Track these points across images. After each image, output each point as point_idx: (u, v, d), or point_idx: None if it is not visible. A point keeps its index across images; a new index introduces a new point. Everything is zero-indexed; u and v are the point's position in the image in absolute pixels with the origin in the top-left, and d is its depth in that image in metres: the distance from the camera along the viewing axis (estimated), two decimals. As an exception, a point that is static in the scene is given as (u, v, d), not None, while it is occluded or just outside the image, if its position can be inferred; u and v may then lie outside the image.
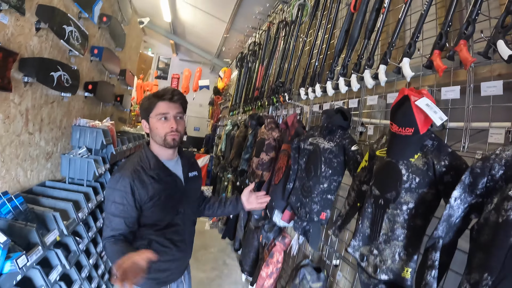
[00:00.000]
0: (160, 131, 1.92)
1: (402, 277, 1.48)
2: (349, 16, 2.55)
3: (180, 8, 9.41)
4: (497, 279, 1.04)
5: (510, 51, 1.35)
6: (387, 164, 1.60)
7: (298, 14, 3.88)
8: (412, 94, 1.46)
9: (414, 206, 1.49)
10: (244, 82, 6.67)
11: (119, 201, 1.83)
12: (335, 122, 2.29)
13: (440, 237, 1.29)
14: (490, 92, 1.50)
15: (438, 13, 1.97)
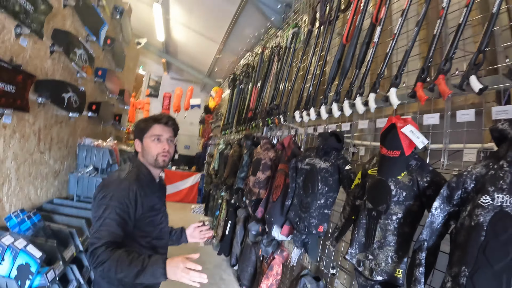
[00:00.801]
0: (152, 151, 2.03)
1: (395, 277, 1.71)
2: (341, 47, 2.83)
3: (173, 28, 9.64)
4: (472, 270, 1.27)
5: (481, 85, 1.62)
6: (378, 181, 1.85)
7: (293, 40, 4.15)
8: (398, 122, 1.72)
9: (402, 216, 1.73)
10: (237, 102, 6.85)
11: (121, 207, 1.81)
12: (330, 144, 2.53)
13: (424, 240, 1.53)
14: (464, 119, 1.77)
15: (421, 49, 2.25)
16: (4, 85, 2.28)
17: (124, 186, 1.87)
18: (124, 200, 1.83)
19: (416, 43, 2.18)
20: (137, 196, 1.89)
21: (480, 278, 1.25)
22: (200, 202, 10.04)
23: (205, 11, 7.99)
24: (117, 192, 1.83)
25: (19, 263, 2.17)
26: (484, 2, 1.99)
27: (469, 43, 1.97)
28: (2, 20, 2.35)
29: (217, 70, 10.57)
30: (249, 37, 6.85)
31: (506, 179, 1.30)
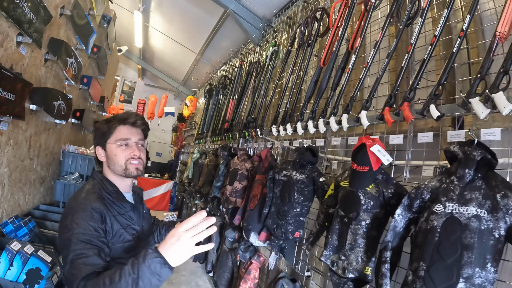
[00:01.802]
0: (119, 159, 1.71)
1: (365, 274, 1.98)
2: (319, 69, 3.12)
3: (152, 35, 9.77)
4: (428, 265, 1.55)
5: (438, 113, 1.93)
6: (350, 192, 2.12)
7: (272, 58, 4.43)
8: (368, 142, 2.03)
9: (370, 222, 2.01)
10: (213, 113, 7.04)
11: (90, 232, 1.50)
12: (306, 158, 2.82)
13: (389, 241, 1.81)
14: (424, 140, 2.09)
15: (391, 77, 2.57)
16: (6, 93, 2.35)
17: (84, 208, 1.54)
18: (89, 223, 1.51)
19: (387, 72, 2.49)
20: (104, 216, 1.58)
21: (435, 270, 1.53)
22: (172, 210, 10.10)
23: (186, 21, 8.19)
24: (79, 217, 1.51)
25: (29, 267, 2.27)
26: (448, 40, 2.31)
27: (433, 72, 2.29)
28: (6, 28, 2.46)
29: (193, 79, 10.73)
30: (227, 50, 7.09)
31: (456, 191, 1.60)
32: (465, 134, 1.85)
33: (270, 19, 5.64)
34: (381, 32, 2.48)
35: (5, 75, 2.37)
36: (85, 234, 1.47)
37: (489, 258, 1.44)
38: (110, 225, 1.60)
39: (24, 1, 2.50)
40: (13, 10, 2.40)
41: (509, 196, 1.47)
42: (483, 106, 1.74)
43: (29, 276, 2.27)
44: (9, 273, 2.23)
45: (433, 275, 1.52)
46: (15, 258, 2.25)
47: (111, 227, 1.60)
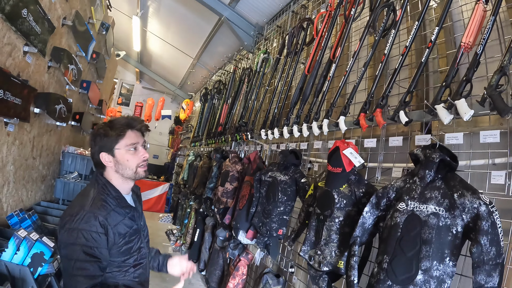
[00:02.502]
0: (131, 163, 1.77)
1: (338, 267, 2.15)
2: (303, 77, 3.29)
3: (149, 40, 9.94)
4: (391, 258, 1.71)
5: (407, 118, 2.10)
6: (325, 192, 2.30)
7: (262, 64, 4.60)
8: (341, 145, 2.21)
9: (343, 219, 2.18)
10: (208, 116, 7.21)
11: (91, 244, 1.58)
12: (289, 161, 3.01)
13: (358, 236, 1.97)
14: (395, 144, 2.26)
15: (368, 84, 2.73)
16: (14, 98, 2.54)
17: (88, 218, 1.60)
18: (92, 235, 1.58)
19: (365, 80, 2.66)
20: (107, 229, 1.64)
21: (397, 263, 1.69)
22: (168, 212, 10.23)
23: (182, 26, 8.38)
24: (82, 227, 1.58)
25: (34, 251, 2.45)
26: (421, 50, 2.46)
27: (406, 80, 2.45)
28: (14, 40, 2.64)
29: (189, 83, 10.88)
30: (222, 55, 7.27)
31: (417, 190, 1.77)
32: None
33: (263, 26, 5.84)
34: (359, 42, 2.65)
35: (13, 82, 2.56)
36: (88, 247, 1.56)
37: (447, 253, 1.59)
38: (113, 237, 1.66)
39: (30, 16, 2.69)
40: (21, 24, 2.61)
41: (465, 196, 1.61)
42: (447, 112, 1.90)
43: (34, 259, 2.45)
44: (15, 257, 2.40)
45: (394, 267, 1.68)
46: (22, 243, 2.43)
47: (113, 238, 1.66)
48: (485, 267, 1.50)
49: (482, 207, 1.55)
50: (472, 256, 1.53)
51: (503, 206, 1.73)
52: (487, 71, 1.95)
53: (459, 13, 2.37)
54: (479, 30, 1.90)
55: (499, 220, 1.52)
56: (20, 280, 2.35)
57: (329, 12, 3.21)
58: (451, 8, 2.31)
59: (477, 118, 1.97)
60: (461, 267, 1.81)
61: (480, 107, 1.78)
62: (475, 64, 1.85)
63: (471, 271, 1.54)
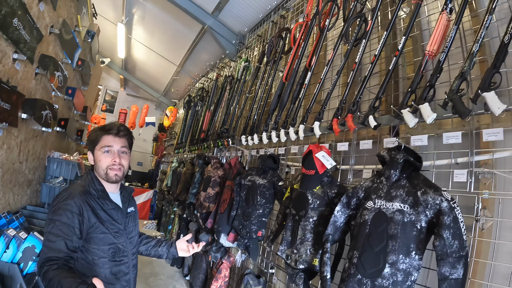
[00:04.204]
0: (102, 164, 1.92)
1: (313, 265, 2.26)
2: (281, 84, 3.41)
3: (134, 47, 9.95)
4: (360, 253, 1.82)
5: (375, 123, 2.22)
6: (300, 193, 2.42)
7: (243, 73, 4.72)
8: (314, 149, 2.34)
9: (317, 219, 2.29)
10: (191, 123, 7.30)
11: (64, 220, 1.72)
12: (268, 165, 3.14)
13: (329, 234, 2.09)
14: (365, 147, 2.39)
15: (341, 91, 2.85)
16: (3, 104, 2.61)
17: (67, 199, 1.78)
18: (66, 213, 1.73)
19: (339, 87, 2.79)
20: (82, 210, 1.78)
21: (365, 257, 1.80)
22: (152, 218, 10.21)
23: (166, 34, 8.45)
24: (60, 205, 1.76)
25: (26, 245, 2.52)
26: (390, 58, 2.59)
27: (376, 86, 2.56)
28: (5, 47, 2.71)
29: (173, 90, 10.92)
30: (205, 63, 7.36)
31: (384, 189, 1.89)
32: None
33: (244, 35, 5.99)
34: (333, 51, 2.79)
35: (3, 88, 2.63)
36: (61, 223, 1.71)
37: (413, 247, 1.70)
38: (88, 218, 1.80)
39: (21, 24, 2.76)
40: (12, 32, 2.68)
41: (428, 193, 1.73)
42: (412, 116, 2.03)
43: (25, 253, 2.53)
44: (5, 255, 2.48)
45: (364, 262, 1.80)
46: (11, 242, 2.51)
47: (88, 219, 1.80)
48: (449, 259, 1.60)
49: (444, 203, 1.66)
50: (436, 249, 1.64)
51: (465, 202, 1.86)
52: (449, 77, 2.08)
53: (427, 23, 2.52)
54: (443, 38, 2.03)
55: (460, 215, 1.63)
56: (9, 277, 2.41)
57: (305, 22, 3.35)
58: (420, 18, 2.46)
59: (441, 121, 2.10)
60: (429, 261, 1.93)
61: (443, 111, 1.92)
62: (438, 71, 1.98)
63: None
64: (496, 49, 1.73)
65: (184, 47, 7.97)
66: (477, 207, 1.79)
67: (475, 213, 1.80)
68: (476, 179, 1.84)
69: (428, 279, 1.98)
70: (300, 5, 4.16)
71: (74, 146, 6.43)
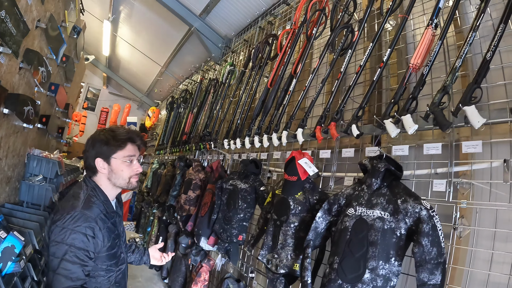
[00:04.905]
0: (125, 174, 1.84)
1: (294, 270, 2.28)
2: (266, 90, 3.44)
3: (119, 45, 9.90)
4: (341, 258, 1.85)
5: (358, 132, 2.26)
6: (282, 199, 2.44)
7: (228, 76, 4.73)
8: (297, 155, 2.36)
9: (298, 224, 2.32)
10: (173, 125, 7.26)
11: (78, 245, 1.62)
12: (250, 170, 3.15)
13: (310, 240, 2.11)
14: (347, 155, 2.43)
15: (326, 99, 2.90)
16: None
17: (78, 220, 1.66)
18: (80, 236, 1.64)
19: (323, 95, 2.83)
20: (95, 231, 1.69)
21: (346, 263, 1.83)
22: (130, 220, 10.07)
23: (152, 34, 8.43)
24: (73, 228, 1.64)
25: (5, 245, 2.43)
26: (375, 68, 2.64)
27: (360, 96, 2.61)
28: None
29: (156, 91, 10.85)
30: (190, 65, 7.35)
31: (365, 197, 1.93)
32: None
33: (231, 39, 6.01)
34: (319, 59, 2.83)
35: None
36: (76, 248, 1.61)
37: (392, 253, 1.75)
38: (101, 239, 1.72)
39: (8, 17, 2.67)
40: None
41: (408, 201, 1.78)
42: (394, 127, 2.08)
43: (4, 253, 2.43)
44: None
45: (344, 267, 1.82)
46: None
47: (101, 241, 1.72)
48: (427, 265, 1.64)
49: (423, 212, 1.71)
50: (415, 256, 1.69)
51: (444, 211, 1.92)
52: (432, 90, 2.16)
53: (413, 36, 2.59)
54: (427, 52, 2.09)
55: (439, 223, 1.68)
56: (-13, 279, 2.33)
57: (293, 30, 3.38)
58: (406, 31, 2.53)
59: (422, 132, 2.18)
60: (408, 268, 1.97)
61: (425, 122, 1.98)
62: (421, 83, 2.04)
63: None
64: (478, 65, 1.79)
65: (169, 48, 7.95)
66: (455, 216, 1.86)
67: (453, 222, 1.86)
68: (454, 189, 1.91)
69: (407, 285, 2.04)
70: (288, 13, 4.21)
71: (55, 143, 6.29)
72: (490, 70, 1.76)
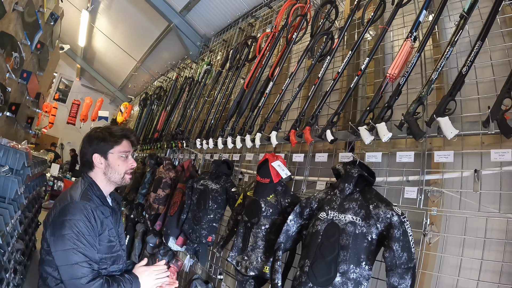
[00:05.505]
0: (120, 169, 1.92)
1: (264, 272, 2.25)
2: (242, 91, 3.43)
3: (95, 36, 9.71)
4: (312, 262, 1.84)
5: (333, 137, 2.28)
6: (253, 200, 2.42)
7: (204, 75, 4.69)
8: (270, 158, 2.35)
9: (269, 227, 2.30)
10: (145, 121, 7.15)
11: (84, 231, 1.70)
12: (221, 170, 3.12)
13: (281, 243, 2.10)
14: (320, 159, 2.45)
15: (301, 103, 2.90)
16: None
17: (79, 210, 1.73)
18: (83, 224, 1.71)
19: (299, 99, 2.85)
20: (94, 217, 1.77)
21: (317, 266, 1.82)
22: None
23: (130, 27, 8.29)
24: (74, 219, 1.70)
25: None
26: (351, 76, 2.67)
27: (335, 102, 2.63)
28: None
29: (130, 86, 10.68)
30: (166, 62, 7.24)
31: (337, 201, 1.93)
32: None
33: (210, 38, 5.97)
34: (297, 64, 2.84)
35: None
36: (82, 235, 1.69)
37: (363, 257, 1.75)
38: (101, 224, 1.81)
39: None
40: None
41: (380, 207, 1.79)
42: (368, 134, 2.11)
43: None
44: None
45: (315, 270, 1.82)
46: None
47: (101, 226, 1.81)
48: (397, 270, 1.67)
49: (395, 217, 1.73)
50: (386, 260, 1.71)
51: (415, 218, 1.95)
52: (407, 100, 2.19)
53: (391, 47, 2.63)
54: (405, 63, 2.13)
55: (410, 229, 1.71)
56: None
57: (273, 33, 3.38)
58: (385, 42, 2.57)
59: (395, 140, 2.21)
60: (378, 272, 2.00)
61: (399, 131, 2.01)
62: (397, 93, 2.08)
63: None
64: (453, 79, 1.85)
65: (147, 43, 7.85)
66: (425, 223, 1.90)
67: (423, 228, 1.90)
68: (425, 197, 1.95)
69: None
70: (269, 16, 4.22)
71: (23, 134, 6.07)
72: (465, 84, 1.81)
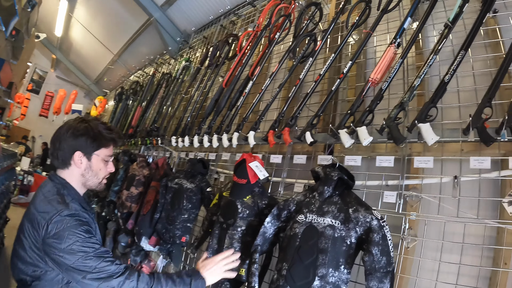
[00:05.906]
0: (101, 173, 1.77)
1: (239, 275, 2.18)
2: (220, 89, 3.37)
3: (73, 26, 9.48)
4: (290, 265, 1.80)
5: (312, 139, 2.25)
6: (229, 201, 2.36)
7: (183, 72, 4.61)
8: (248, 158, 2.30)
9: (245, 228, 2.25)
10: (120, 117, 6.96)
11: (85, 235, 1.54)
12: (197, 169, 3.05)
13: (258, 245, 2.06)
14: (299, 161, 2.42)
15: (281, 104, 2.87)
16: None
17: (71, 220, 1.53)
18: (82, 229, 1.55)
19: (279, 100, 2.82)
20: (84, 220, 1.60)
21: (295, 270, 1.78)
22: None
23: (109, 19, 8.11)
24: (69, 229, 1.51)
25: None
26: (333, 79, 2.66)
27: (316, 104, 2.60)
28: None
29: (106, 80, 10.48)
30: (144, 56, 7.12)
31: (316, 204, 1.90)
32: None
33: (190, 34, 5.88)
34: (278, 64, 2.82)
35: None
36: (84, 241, 1.52)
37: (342, 261, 1.73)
38: (94, 229, 1.69)
39: None
40: None
41: (359, 211, 1.78)
42: (348, 137, 2.10)
43: None
44: None
45: (293, 274, 1.78)
46: None
47: (95, 230, 1.70)
48: (376, 274, 1.66)
49: (374, 221, 1.72)
50: (365, 264, 1.69)
51: (393, 222, 1.95)
52: (389, 105, 2.20)
53: (374, 52, 2.64)
54: (387, 69, 2.13)
55: (389, 233, 1.70)
56: None
57: (255, 32, 3.33)
58: (368, 46, 2.57)
59: (375, 145, 2.22)
60: (357, 275, 1.99)
61: (379, 135, 2.01)
62: (378, 98, 2.08)
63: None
64: (435, 86, 1.87)
65: (125, 36, 7.71)
66: (404, 227, 1.92)
67: (402, 232, 1.92)
68: (404, 201, 1.97)
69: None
70: (252, 15, 4.20)
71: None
72: (446, 92, 1.83)
